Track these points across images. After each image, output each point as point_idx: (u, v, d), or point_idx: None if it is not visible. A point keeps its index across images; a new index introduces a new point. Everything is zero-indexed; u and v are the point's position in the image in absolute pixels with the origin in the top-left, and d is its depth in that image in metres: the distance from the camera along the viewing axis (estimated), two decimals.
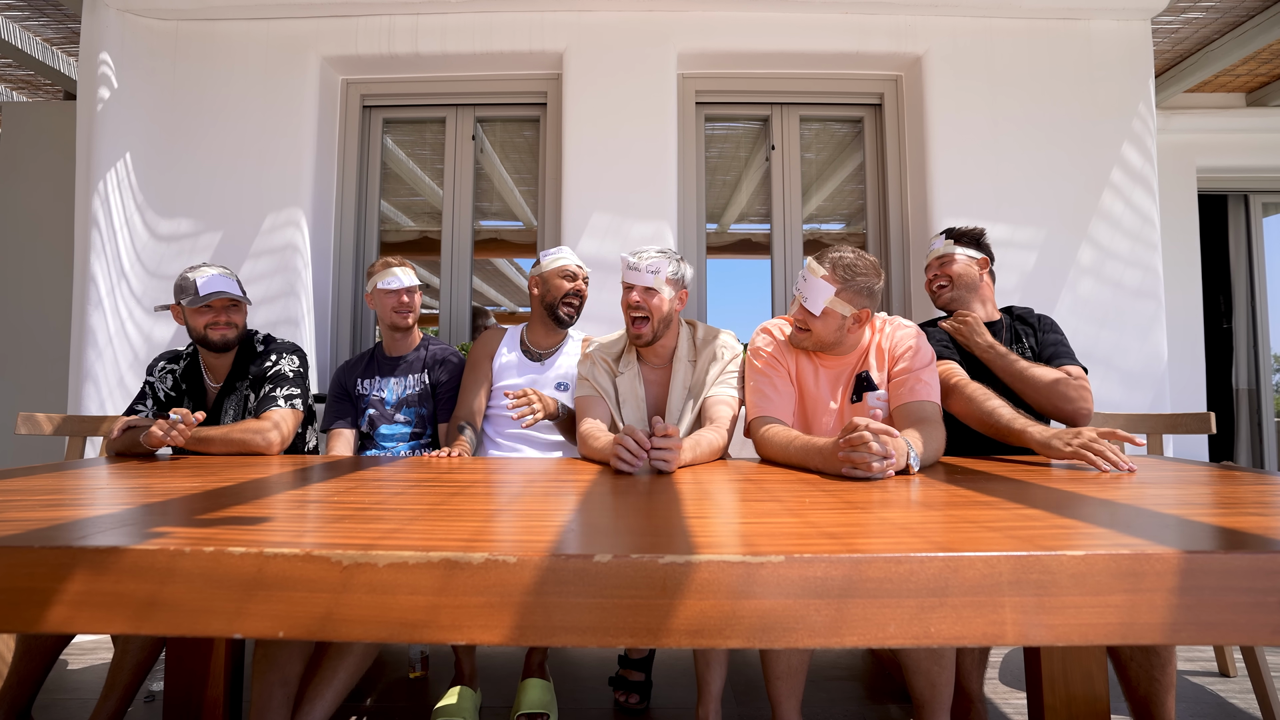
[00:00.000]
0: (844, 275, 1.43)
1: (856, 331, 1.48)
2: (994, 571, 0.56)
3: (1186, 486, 0.98)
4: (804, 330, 1.49)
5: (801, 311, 1.47)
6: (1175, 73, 3.24)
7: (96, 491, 0.99)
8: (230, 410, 1.76)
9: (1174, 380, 3.46)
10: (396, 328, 2.00)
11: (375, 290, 2.00)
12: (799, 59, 2.74)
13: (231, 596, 0.57)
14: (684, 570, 0.56)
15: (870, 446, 1.08)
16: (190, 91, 2.67)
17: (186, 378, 1.81)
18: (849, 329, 1.46)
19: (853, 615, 0.55)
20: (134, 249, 2.59)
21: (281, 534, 0.65)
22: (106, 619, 0.57)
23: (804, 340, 1.50)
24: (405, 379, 2.01)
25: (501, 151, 2.98)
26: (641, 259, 1.62)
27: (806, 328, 1.48)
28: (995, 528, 0.67)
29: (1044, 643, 0.55)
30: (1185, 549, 0.56)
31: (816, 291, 1.43)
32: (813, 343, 1.49)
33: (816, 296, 1.43)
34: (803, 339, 1.50)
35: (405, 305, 1.99)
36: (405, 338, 2.05)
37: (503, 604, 0.55)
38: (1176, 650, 1.46)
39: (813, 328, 1.46)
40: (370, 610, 0.56)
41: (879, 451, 1.08)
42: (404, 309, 1.99)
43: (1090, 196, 2.61)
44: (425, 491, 0.98)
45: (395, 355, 2.05)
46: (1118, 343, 2.56)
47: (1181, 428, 1.88)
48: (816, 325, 1.46)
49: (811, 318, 1.46)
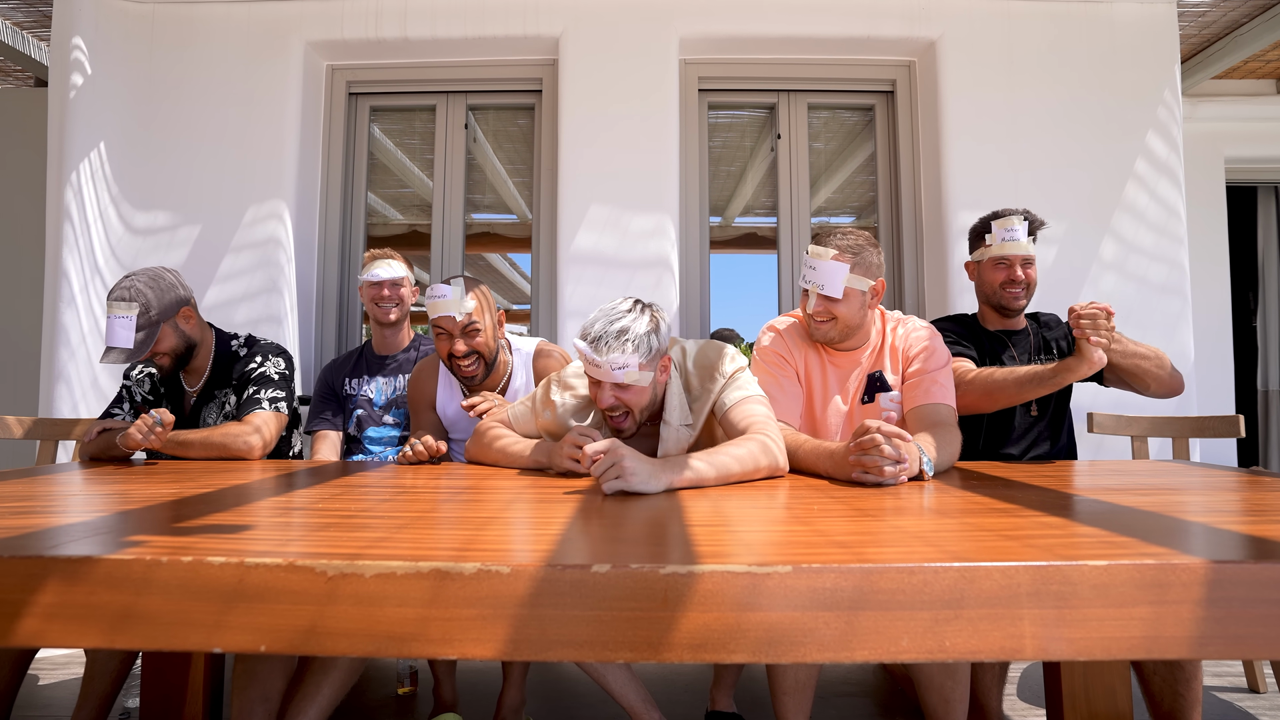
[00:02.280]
0: (852, 250, 1.45)
1: (874, 308, 1.52)
2: (1012, 582, 0.56)
3: (1214, 493, 0.98)
4: (826, 320, 1.48)
5: (821, 301, 1.47)
6: (1202, 58, 3.24)
7: (69, 498, 0.99)
8: (209, 418, 1.77)
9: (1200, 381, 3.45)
10: (381, 323, 2.01)
11: (361, 285, 2.01)
12: (807, 43, 2.74)
13: (211, 609, 0.57)
14: (686, 581, 0.56)
15: (882, 450, 1.08)
16: (168, 78, 2.67)
17: (166, 381, 1.81)
18: (869, 305, 1.49)
19: (864, 628, 0.55)
20: (108, 243, 2.59)
21: (263, 543, 0.65)
22: (79, 632, 0.57)
23: (829, 331, 1.49)
24: (395, 379, 2.02)
25: (494, 141, 2.98)
26: (601, 353, 1.23)
27: (829, 316, 1.47)
28: (1013, 536, 0.67)
29: (1065, 657, 0.55)
30: (1213, 558, 0.56)
31: (831, 274, 1.44)
32: (839, 330, 1.49)
33: (834, 279, 1.44)
34: (828, 330, 1.49)
35: (387, 299, 1.99)
36: (394, 335, 2.05)
37: (496, 616, 0.55)
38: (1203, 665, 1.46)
39: (837, 313, 1.46)
40: (356, 623, 0.56)
41: (891, 455, 1.08)
42: (386, 302, 1.99)
43: (1113, 188, 2.61)
44: (414, 498, 0.98)
45: (384, 354, 2.05)
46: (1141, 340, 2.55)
47: (1209, 431, 1.88)
48: (841, 309, 1.46)
49: (834, 303, 1.46)
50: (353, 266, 2.86)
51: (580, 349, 1.27)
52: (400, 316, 2.03)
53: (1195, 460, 2.03)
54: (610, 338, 1.23)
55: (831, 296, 1.44)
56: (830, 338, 1.51)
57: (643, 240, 2.61)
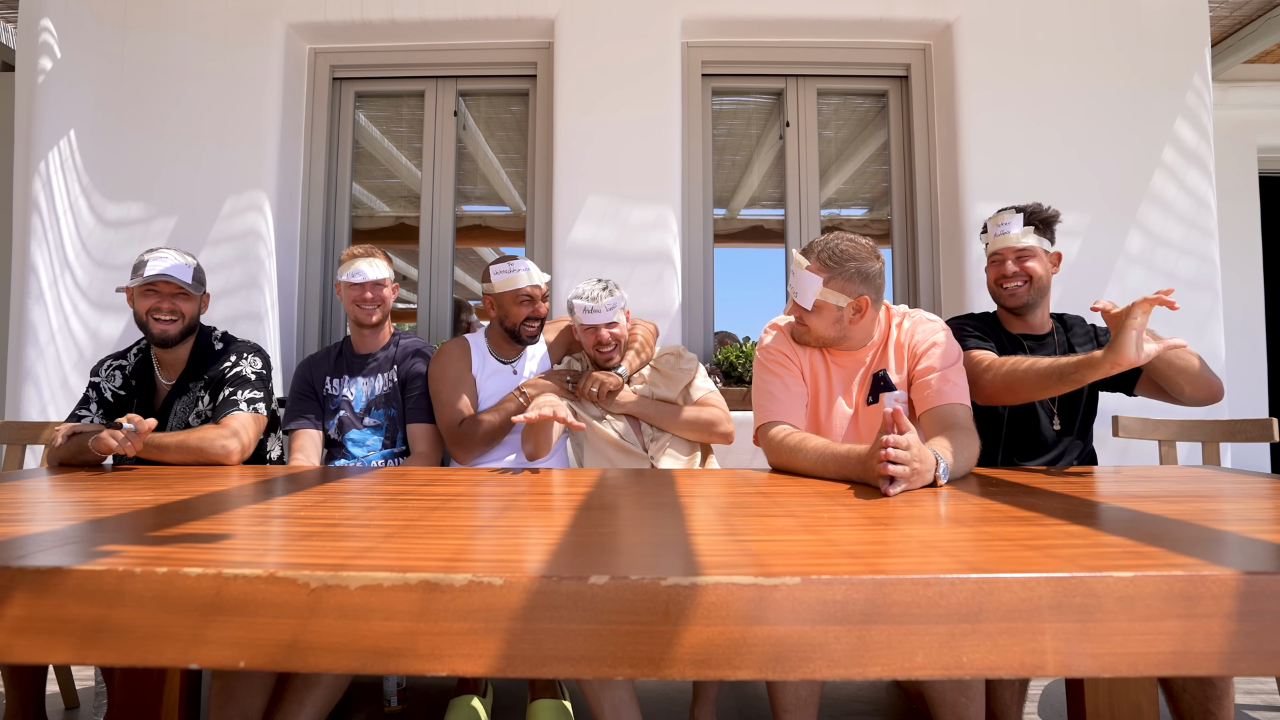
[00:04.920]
0: (830, 262, 1.44)
1: (860, 322, 1.48)
2: (1033, 595, 0.56)
3: (1246, 500, 0.98)
4: (803, 326, 1.52)
5: (795, 308, 1.50)
6: (1233, 41, 3.24)
7: (37, 505, 0.99)
8: (179, 412, 1.77)
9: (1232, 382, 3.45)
10: (361, 325, 2.01)
11: (340, 283, 2.01)
12: (816, 26, 2.74)
13: (187, 622, 0.57)
14: (689, 593, 0.56)
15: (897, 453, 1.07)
16: (142, 62, 2.67)
17: (137, 374, 1.81)
18: (849, 320, 1.47)
19: (876, 643, 0.55)
20: (79, 236, 2.59)
21: (242, 553, 0.65)
22: (48, 647, 0.57)
23: (804, 336, 1.54)
24: (374, 379, 2.02)
25: (486, 129, 2.98)
26: (599, 302, 1.89)
27: (805, 324, 1.51)
28: (1034, 546, 0.67)
29: (1089, 673, 0.55)
30: (1245, 570, 0.56)
31: (804, 284, 1.46)
32: (814, 339, 1.52)
33: (805, 290, 1.46)
34: (803, 335, 1.54)
35: (369, 301, 1.99)
36: (374, 334, 2.05)
37: (488, 630, 0.55)
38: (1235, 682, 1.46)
39: (809, 324, 1.49)
40: (340, 637, 0.56)
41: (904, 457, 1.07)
42: (368, 304, 1.99)
43: (1139, 178, 2.61)
44: (402, 506, 0.98)
45: (364, 353, 2.06)
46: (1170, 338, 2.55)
47: (1241, 435, 1.88)
48: (812, 320, 1.48)
49: (806, 313, 1.48)
50: (337, 261, 2.86)
51: (580, 305, 1.90)
52: (382, 318, 2.04)
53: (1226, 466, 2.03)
54: (601, 292, 1.91)
55: (803, 306, 1.47)
56: (806, 342, 1.55)
57: (643, 233, 2.61)
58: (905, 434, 1.07)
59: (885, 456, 1.06)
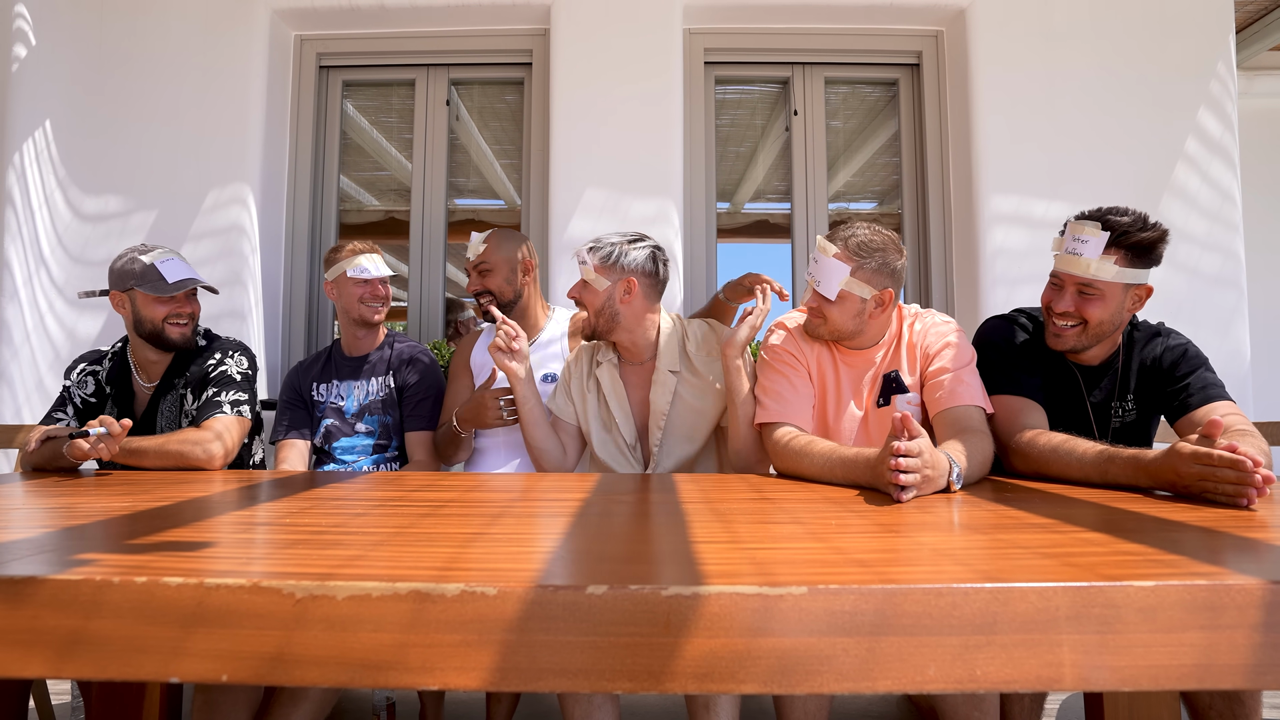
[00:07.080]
0: (859, 252, 1.44)
1: (879, 317, 1.49)
2: (1050, 605, 0.55)
3: (1272, 506, 0.98)
4: (819, 318, 1.50)
5: (815, 297, 1.49)
6: (1260, 27, 3.24)
7: (11, 512, 0.99)
8: (165, 412, 1.77)
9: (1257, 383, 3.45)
10: (365, 322, 2.00)
11: (341, 278, 2.00)
12: (824, 11, 2.74)
13: (167, 634, 0.56)
14: (691, 604, 0.56)
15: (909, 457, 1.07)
16: (120, 49, 2.67)
17: (112, 380, 1.81)
18: (870, 314, 1.47)
19: (886, 655, 0.55)
20: (55, 231, 2.59)
21: (225, 562, 0.65)
22: (22, 660, 0.57)
23: (820, 329, 1.52)
24: (368, 382, 2.01)
25: (480, 119, 2.98)
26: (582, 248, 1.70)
27: (822, 315, 1.49)
28: (1051, 554, 0.67)
29: (1108, 687, 0.55)
30: (1271, 579, 0.56)
31: (829, 273, 1.45)
32: (829, 331, 1.51)
33: (830, 279, 1.45)
34: (818, 327, 1.52)
35: (380, 296, 2.00)
36: (370, 335, 2.05)
37: (481, 642, 0.55)
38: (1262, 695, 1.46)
39: (828, 314, 1.48)
40: (328, 649, 0.56)
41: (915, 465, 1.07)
42: (375, 301, 1.99)
43: (1161, 170, 2.61)
44: (392, 512, 0.98)
45: (356, 355, 2.05)
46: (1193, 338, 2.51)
47: (1267, 438, 1.88)
48: (832, 311, 1.47)
49: (827, 303, 1.47)
50: (323, 257, 2.85)
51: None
52: (384, 317, 2.04)
53: None
54: (589, 243, 1.69)
55: (825, 296, 1.46)
56: (820, 335, 1.54)
57: (643, 228, 2.60)
58: (915, 439, 1.07)
59: (895, 465, 1.05)
